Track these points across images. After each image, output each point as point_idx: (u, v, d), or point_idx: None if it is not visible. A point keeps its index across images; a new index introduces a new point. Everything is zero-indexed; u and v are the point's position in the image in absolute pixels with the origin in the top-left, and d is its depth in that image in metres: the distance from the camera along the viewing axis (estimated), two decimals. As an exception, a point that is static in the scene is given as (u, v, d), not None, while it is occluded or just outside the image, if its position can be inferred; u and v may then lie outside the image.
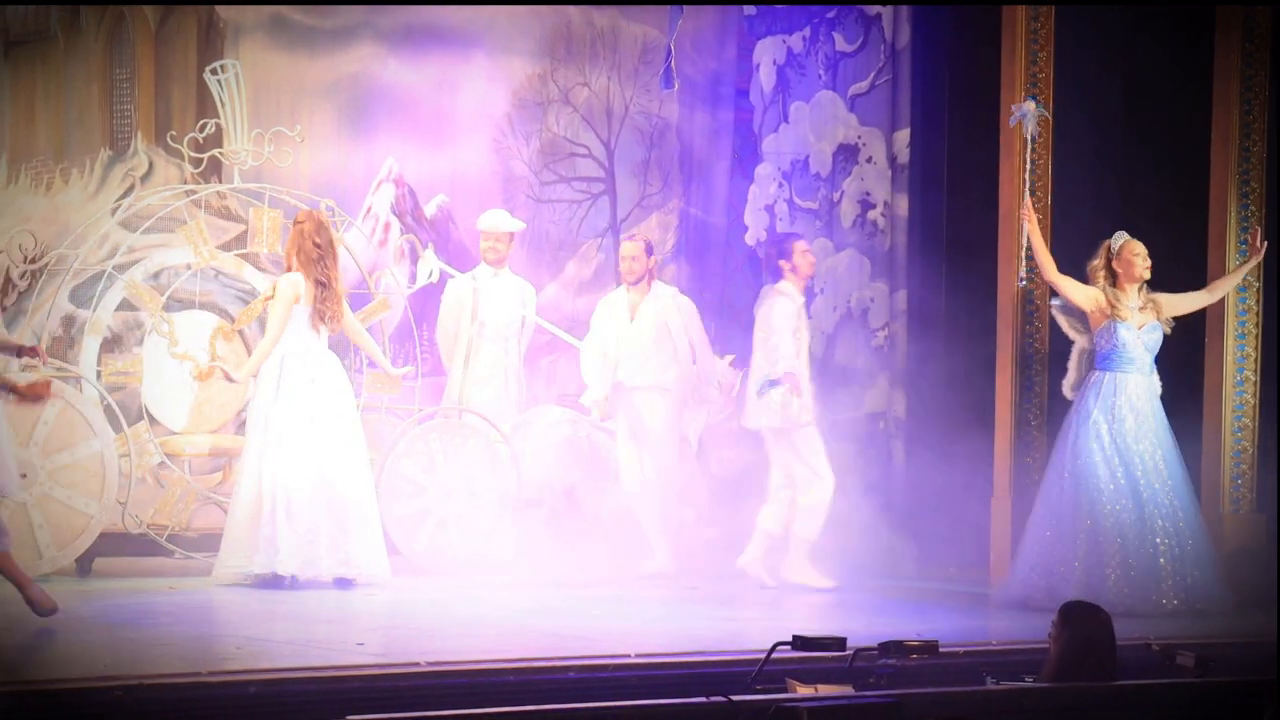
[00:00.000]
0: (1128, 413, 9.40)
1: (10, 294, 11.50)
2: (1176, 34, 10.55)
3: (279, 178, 10.70)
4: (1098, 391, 9.46)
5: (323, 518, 9.57)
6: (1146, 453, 9.36)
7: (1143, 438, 9.38)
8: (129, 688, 5.93)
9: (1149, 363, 9.51)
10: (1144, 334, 9.48)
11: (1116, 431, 9.37)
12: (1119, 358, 9.47)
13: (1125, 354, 9.46)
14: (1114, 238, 9.58)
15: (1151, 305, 9.53)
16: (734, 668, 6.69)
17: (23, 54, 11.79)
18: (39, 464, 9.61)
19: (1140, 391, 9.46)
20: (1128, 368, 9.47)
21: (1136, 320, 9.47)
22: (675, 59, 9.93)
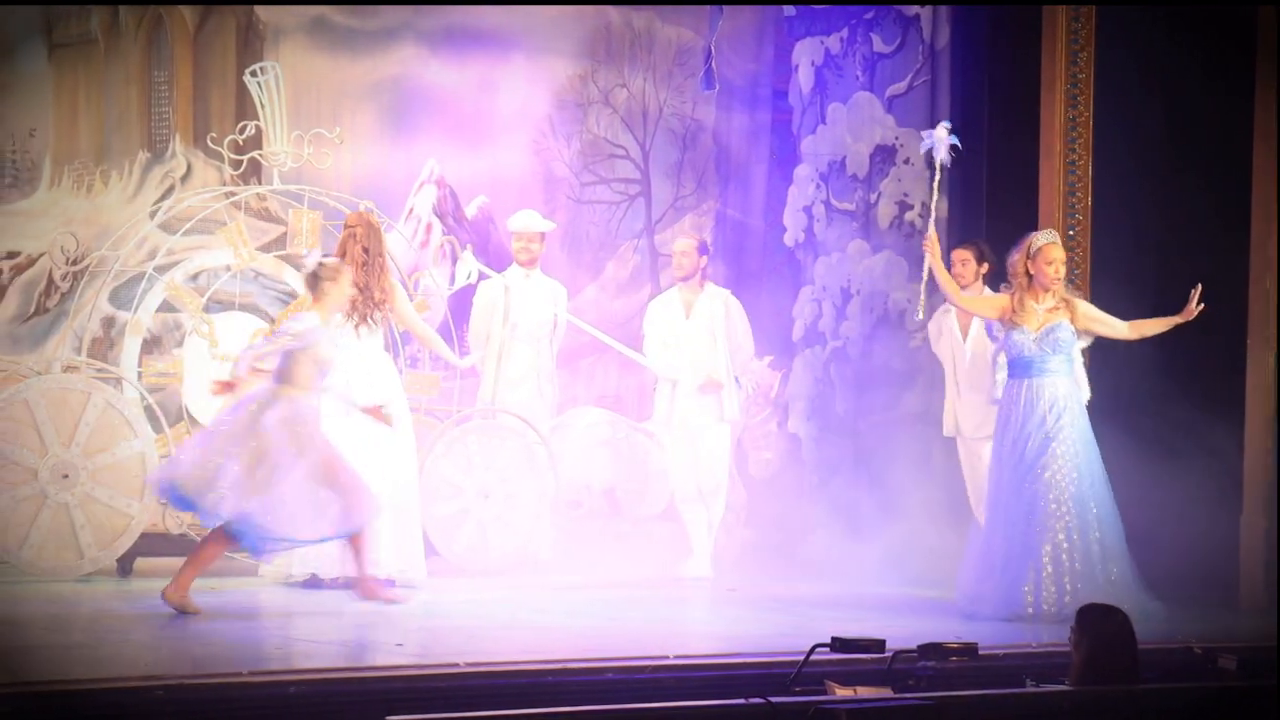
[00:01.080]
0: (1038, 418, 9.03)
1: (52, 295, 11.57)
2: (1219, 35, 10.50)
3: (319, 179, 10.73)
4: (1009, 399, 9.17)
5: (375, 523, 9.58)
6: (1064, 458, 8.99)
7: (1060, 443, 9.00)
8: (170, 687, 5.95)
9: (1062, 363, 9.11)
10: (1043, 335, 9.06)
11: (1028, 438, 9.03)
12: (1020, 363, 9.13)
13: (1024, 357, 9.09)
14: (1036, 236, 9.20)
15: (1064, 306, 9.14)
16: (773, 669, 6.68)
17: (65, 57, 11.85)
18: (81, 465, 9.66)
19: (1057, 395, 9.07)
20: (1034, 372, 9.09)
21: (1036, 322, 9.08)
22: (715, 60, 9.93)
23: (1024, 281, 9.13)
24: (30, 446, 9.58)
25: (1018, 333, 9.09)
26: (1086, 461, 9.05)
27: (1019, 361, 9.13)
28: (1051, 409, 9.04)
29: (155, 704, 5.84)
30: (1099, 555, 8.93)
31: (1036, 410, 9.04)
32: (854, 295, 12.15)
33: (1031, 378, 9.09)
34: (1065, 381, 9.12)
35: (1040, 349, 9.07)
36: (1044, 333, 9.07)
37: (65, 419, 9.65)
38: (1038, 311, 9.09)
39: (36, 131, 11.72)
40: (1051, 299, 9.12)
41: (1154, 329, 9.37)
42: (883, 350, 11.97)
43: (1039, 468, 8.99)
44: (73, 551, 9.65)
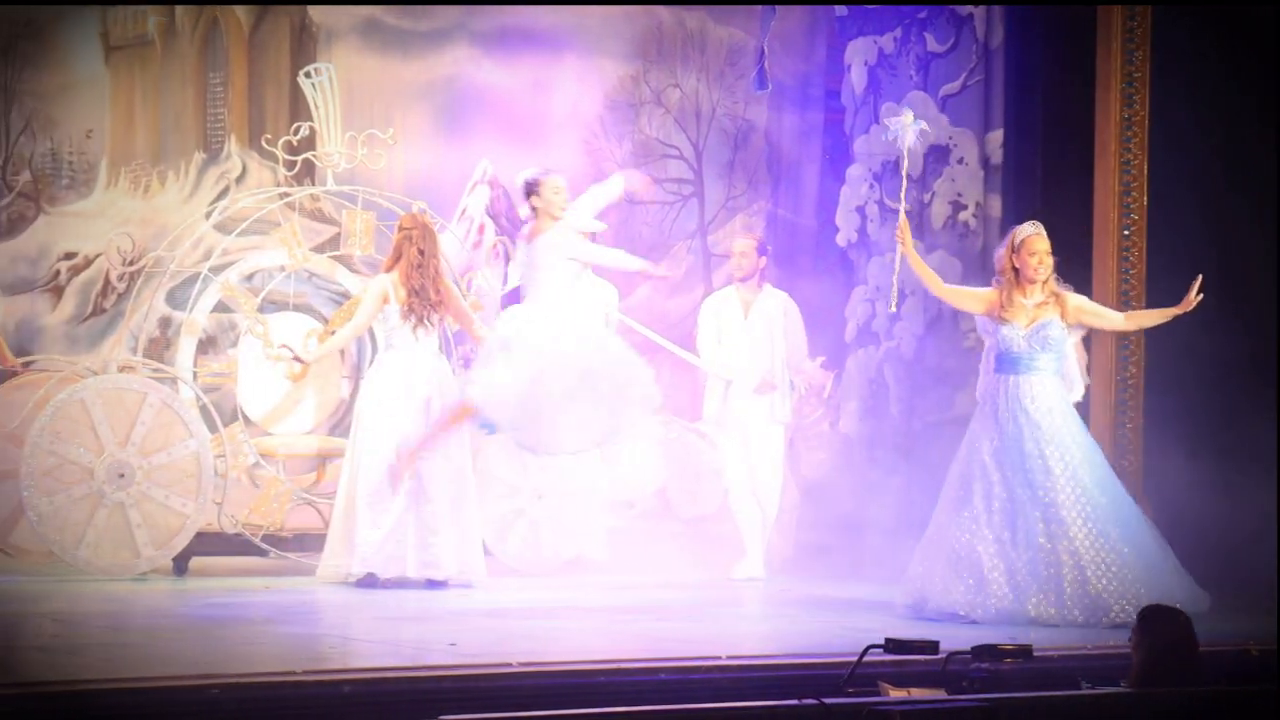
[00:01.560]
0: (1024, 417, 8.77)
1: (109, 296, 11.64)
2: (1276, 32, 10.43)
3: (372, 180, 10.76)
4: (992, 396, 8.92)
5: (410, 520, 9.61)
6: (1053, 457, 8.71)
7: (1048, 442, 8.73)
8: (225, 686, 5.97)
9: (1051, 361, 8.87)
10: (1032, 331, 8.84)
11: (1008, 436, 8.77)
12: (1008, 359, 8.87)
13: (1012, 354, 8.85)
14: (1020, 228, 9.02)
15: (1054, 301, 8.90)
16: (826, 670, 6.66)
17: (121, 59, 11.93)
18: (136, 464, 9.72)
19: (1043, 393, 8.82)
20: (1020, 369, 8.85)
21: (1026, 317, 8.85)
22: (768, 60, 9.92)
23: (1011, 276, 8.90)
24: (87, 446, 9.64)
25: (1006, 328, 8.86)
26: (1082, 461, 8.75)
27: (1006, 357, 8.88)
28: (1036, 408, 8.77)
29: (210, 703, 5.87)
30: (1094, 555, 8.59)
31: (1021, 408, 8.78)
32: (908, 295, 12.12)
33: (1019, 374, 8.85)
34: (1052, 380, 8.88)
35: (1029, 345, 8.84)
36: (1034, 329, 8.86)
37: (121, 419, 9.71)
38: (1027, 307, 8.88)
39: (93, 133, 11.80)
40: (1040, 293, 8.89)
41: (1152, 320, 9.32)
42: (936, 351, 11.94)
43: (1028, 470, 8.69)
44: (129, 550, 9.71)
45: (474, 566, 9.77)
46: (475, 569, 9.77)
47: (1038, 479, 8.68)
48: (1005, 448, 8.74)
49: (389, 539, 9.58)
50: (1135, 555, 8.63)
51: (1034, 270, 8.85)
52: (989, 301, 8.94)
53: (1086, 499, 8.68)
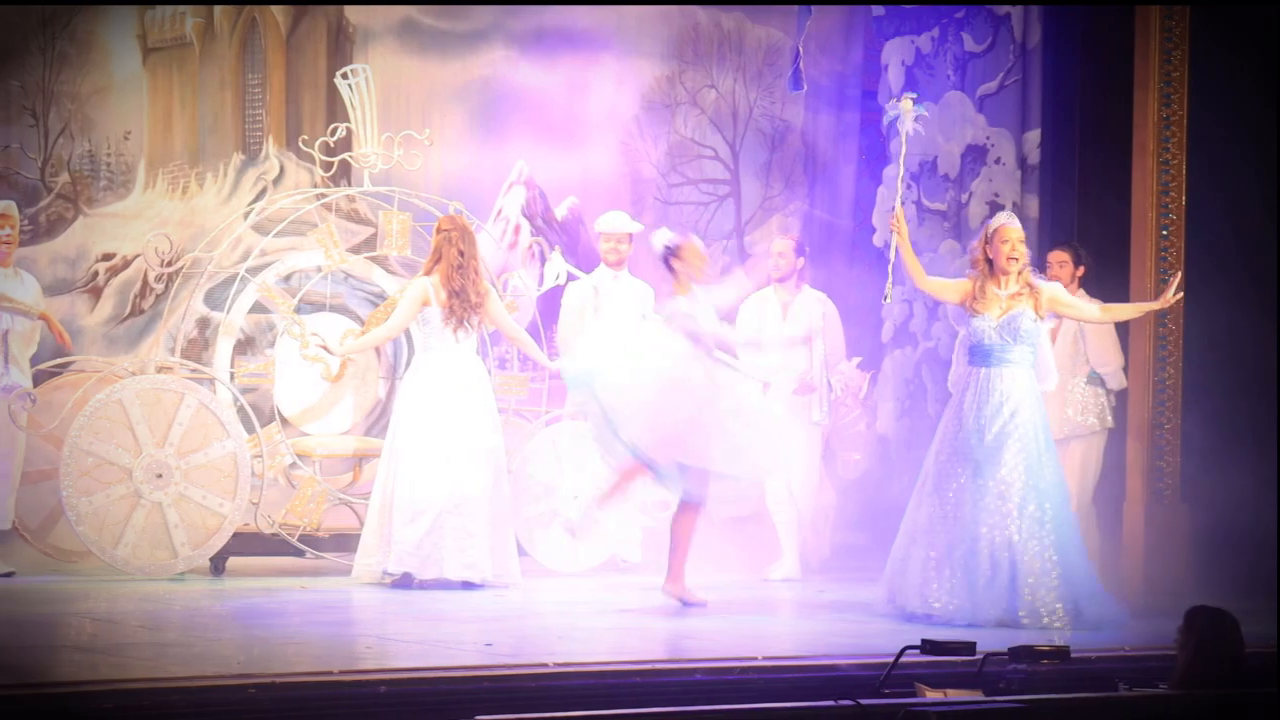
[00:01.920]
0: (991, 411, 8.61)
1: (147, 296, 11.69)
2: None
3: (409, 181, 10.78)
4: (963, 389, 8.76)
5: (448, 521, 9.63)
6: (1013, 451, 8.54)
7: (1012, 438, 8.56)
8: (262, 685, 5.99)
9: (1024, 354, 8.71)
10: (1004, 323, 8.68)
11: (973, 431, 8.61)
12: (980, 351, 8.72)
13: (984, 345, 8.70)
14: (993, 218, 8.94)
15: (1028, 293, 8.74)
16: (862, 671, 6.66)
17: (160, 61, 11.97)
18: (174, 464, 9.75)
19: (1014, 387, 8.65)
20: (992, 361, 8.68)
21: (999, 308, 8.70)
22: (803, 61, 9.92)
23: (984, 267, 8.77)
24: (125, 446, 9.68)
25: (978, 319, 8.71)
26: (1040, 461, 8.59)
27: (978, 349, 8.74)
28: (1007, 402, 8.60)
29: (248, 702, 5.89)
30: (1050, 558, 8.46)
31: (990, 401, 8.63)
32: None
33: (990, 366, 8.70)
34: (1024, 373, 8.71)
35: (1001, 337, 8.68)
36: (1005, 321, 8.69)
37: (159, 419, 9.75)
38: (1000, 298, 8.72)
39: (131, 135, 11.84)
40: (1014, 284, 8.74)
41: (1127, 314, 9.32)
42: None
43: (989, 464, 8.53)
44: (166, 550, 9.75)
45: (510, 569, 9.77)
46: (511, 571, 9.78)
47: (1001, 474, 8.52)
48: (971, 443, 8.60)
49: (426, 540, 9.59)
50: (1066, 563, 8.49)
51: (1005, 260, 8.71)
52: (963, 292, 8.82)
53: (1041, 500, 8.53)
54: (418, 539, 9.58)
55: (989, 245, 8.78)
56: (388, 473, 9.75)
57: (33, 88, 11.63)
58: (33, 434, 9.75)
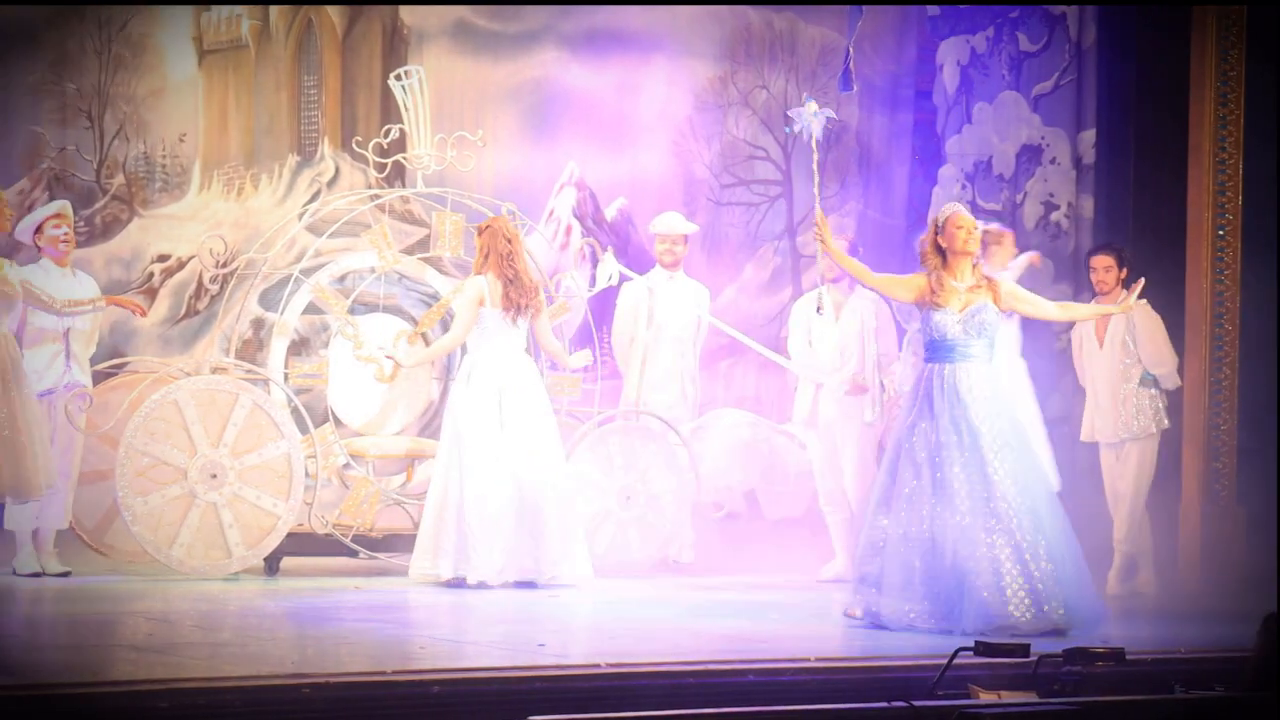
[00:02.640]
0: (959, 408, 8.26)
1: (202, 298, 11.75)
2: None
3: (461, 182, 10.81)
4: (924, 385, 8.40)
5: (511, 523, 9.64)
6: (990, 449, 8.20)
7: (982, 434, 8.21)
8: (316, 685, 6.01)
9: (984, 348, 8.38)
10: (967, 316, 8.35)
11: (941, 429, 8.24)
12: (940, 347, 8.36)
13: (946, 341, 8.35)
14: (941, 209, 8.59)
15: (986, 286, 8.42)
16: (916, 673, 6.63)
17: (215, 63, 12.04)
18: (228, 465, 9.80)
19: (979, 382, 8.32)
20: (955, 356, 8.34)
21: (959, 302, 8.35)
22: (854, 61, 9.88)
23: (937, 261, 8.44)
24: (180, 446, 9.73)
25: (939, 314, 8.36)
26: (1013, 456, 8.25)
27: (940, 344, 8.38)
28: (973, 398, 8.27)
29: (302, 701, 5.91)
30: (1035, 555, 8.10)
31: (958, 399, 8.28)
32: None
33: (953, 362, 8.36)
34: (986, 368, 8.39)
35: (964, 331, 8.35)
36: (968, 314, 8.36)
37: (214, 420, 9.79)
38: (959, 291, 8.38)
39: (187, 136, 11.91)
40: (971, 276, 8.42)
41: (1086, 314, 9.17)
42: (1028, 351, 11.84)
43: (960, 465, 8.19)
44: (221, 550, 9.79)
45: (575, 569, 9.74)
46: (584, 569, 9.76)
47: (974, 473, 8.18)
48: (941, 441, 8.23)
49: (493, 548, 9.59)
50: (1054, 562, 8.15)
51: (963, 242, 8.38)
52: (918, 289, 8.47)
53: (1017, 495, 8.21)
54: (487, 546, 9.58)
55: (941, 234, 8.45)
56: (445, 475, 9.76)
57: (88, 90, 11.71)
58: (89, 434, 9.81)
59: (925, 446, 8.27)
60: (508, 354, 9.85)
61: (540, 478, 9.71)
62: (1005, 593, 8.05)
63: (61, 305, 9.07)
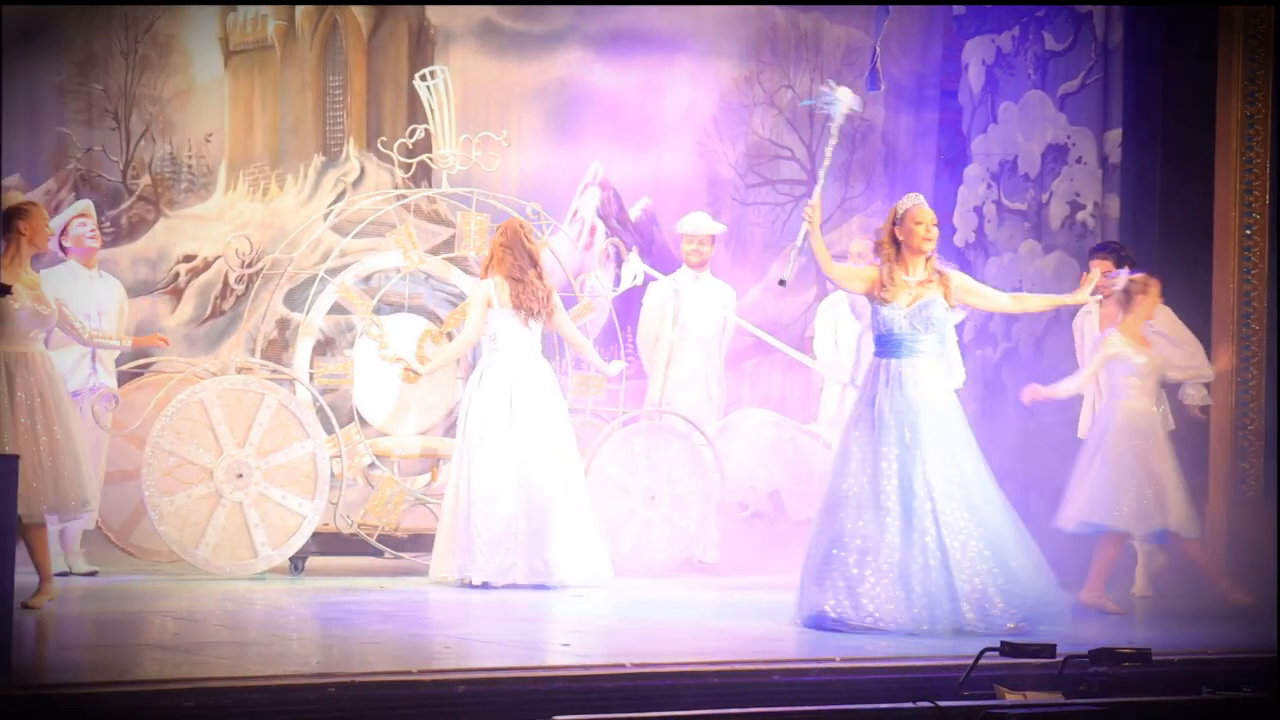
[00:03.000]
0: (904, 404, 8.07)
1: (227, 298, 11.77)
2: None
3: (487, 182, 10.81)
4: (871, 380, 8.21)
5: (521, 524, 9.63)
6: (930, 445, 8.03)
7: (928, 430, 8.04)
8: (342, 685, 6.02)
9: (933, 344, 8.19)
10: (914, 311, 8.15)
11: (886, 425, 8.05)
12: (888, 341, 8.17)
13: (893, 335, 8.16)
14: (901, 200, 8.41)
15: (938, 280, 8.22)
16: (941, 673, 6.61)
17: (241, 63, 12.06)
18: (254, 464, 9.81)
19: (926, 378, 8.14)
20: (902, 351, 8.15)
21: (907, 297, 8.16)
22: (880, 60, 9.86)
23: (891, 252, 8.25)
24: (206, 446, 9.75)
25: (887, 308, 8.18)
26: (960, 454, 8.08)
27: (888, 339, 8.20)
28: (920, 394, 8.09)
29: (327, 701, 5.91)
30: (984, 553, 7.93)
31: (903, 395, 8.10)
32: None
33: (900, 357, 8.17)
34: (934, 363, 8.22)
35: (911, 326, 8.16)
36: (916, 308, 8.16)
37: (240, 419, 9.81)
38: (909, 285, 8.19)
39: (213, 137, 11.94)
40: (923, 271, 8.22)
41: (1039, 305, 8.97)
42: (1054, 351, 11.82)
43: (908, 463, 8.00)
44: (247, 550, 9.81)
45: (585, 569, 9.72)
46: (603, 570, 9.74)
47: (921, 471, 8.00)
48: (889, 439, 8.06)
49: (499, 548, 9.59)
50: (1003, 557, 7.98)
51: (921, 240, 8.20)
52: (869, 281, 8.29)
53: (965, 493, 8.02)
54: (492, 545, 9.59)
55: (899, 227, 8.26)
56: (457, 476, 9.78)
57: (115, 91, 11.74)
58: (115, 434, 9.83)
59: (868, 443, 8.10)
60: (520, 355, 9.84)
61: (551, 478, 9.71)
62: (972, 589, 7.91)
63: (89, 336, 9.05)
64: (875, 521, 8.02)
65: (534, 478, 9.68)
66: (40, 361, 8.44)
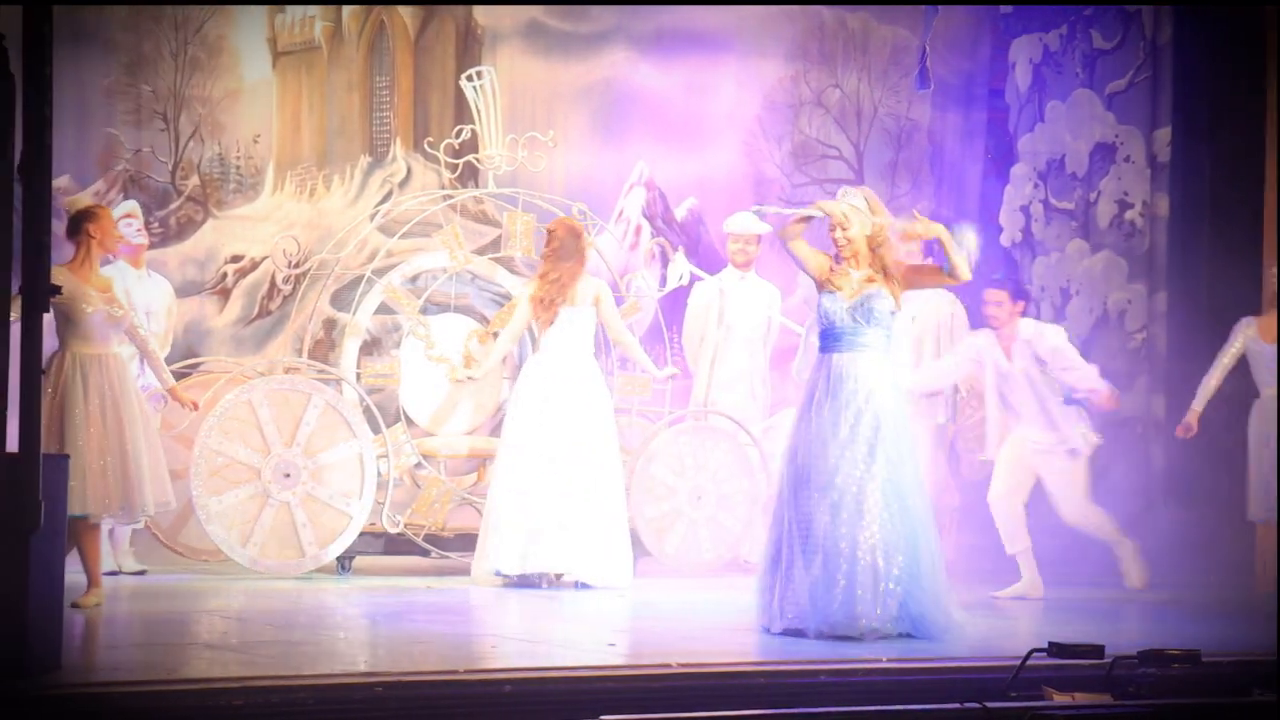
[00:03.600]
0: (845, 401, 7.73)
1: (275, 298, 11.82)
2: None
3: (533, 182, 10.83)
4: (815, 377, 7.89)
5: (546, 517, 9.63)
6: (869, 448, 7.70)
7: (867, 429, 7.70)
8: (389, 684, 6.03)
9: (878, 339, 7.84)
10: (857, 303, 7.80)
11: (825, 422, 7.72)
12: (829, 334, 7.84)
13: (834, 329, 7.83)
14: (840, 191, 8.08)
15: (882, 280, 7.86)
16: (989, 674, 6.58)
17: (289, 64, 12.10)
18: (302, 464, 9.85)
19: (867, 374, 7.79)
20: (843, 346, 7.80)
21: (851, 289, 7.83)
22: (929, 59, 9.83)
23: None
24: (254, 446, 9.79)
25: (829, 299, 7.85)
26: (898, 455, 7.74)
27: (830, 333, 7.86)
28: (860, 390, 7.75)
29: (374, 700, 5.93)
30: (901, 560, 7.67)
31: (844, 390, 7.76)
32: (1073, 295, 11.96)
33: (842, 352, 7.81)
34: (879, 359, 7.84)
35: (853, 320, 7.81)
36: (858, 301, 7.81)
37: (287, 419, 9.85)
38: (853, 277, 7.85)
39: (260, 138, 11.98)
40: (867, 267, 7.87)
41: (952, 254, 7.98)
42: (1102, 351, 11.77)
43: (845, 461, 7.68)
44: (294, 549, 9.84)
45: (616, 571, 9.71)
46: (624, 574, 9.73)
47: (857, 472, 7.68)
48: (825, 437, 7.73)
49: (531, 543, 9.60)
50: (918, 564, 7.72)
51: (838, 245, 7.89)
52: (820, 268, 7.95)
53: (898, 499, 7.71)
54: (525, 541, 9.59)
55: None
56: (496, 474, 9.80)
57: (164, 92, 11.80)
58: (164, 435, 9.88)
59: (816, 442, 7.78)
60: (563, 354, 9.84)
61: (582, 475, 9.69)
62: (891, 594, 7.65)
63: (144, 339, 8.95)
64: (814, 523, 7.74)
65: (564, 473, 9.67)
66: (114, 364, 8.45)
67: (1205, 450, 10.76)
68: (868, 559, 7.64)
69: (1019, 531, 10.03)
